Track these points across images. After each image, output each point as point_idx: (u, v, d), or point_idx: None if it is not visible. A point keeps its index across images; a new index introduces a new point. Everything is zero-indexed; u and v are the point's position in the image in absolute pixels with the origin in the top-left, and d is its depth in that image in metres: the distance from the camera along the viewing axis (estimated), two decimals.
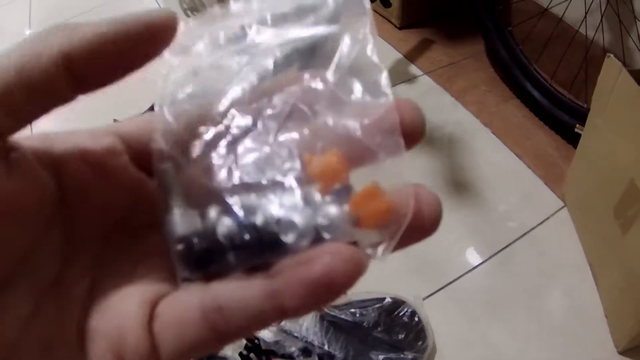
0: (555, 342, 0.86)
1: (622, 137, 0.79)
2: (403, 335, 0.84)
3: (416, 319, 0.86)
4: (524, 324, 0.88)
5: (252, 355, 0.77)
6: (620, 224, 0.80)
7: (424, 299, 0.92)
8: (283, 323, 0.85)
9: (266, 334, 0.81)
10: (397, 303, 0.87)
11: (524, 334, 0.87)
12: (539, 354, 0.85)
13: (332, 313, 0.85)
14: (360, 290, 0.89)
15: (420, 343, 0.84)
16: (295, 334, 0.83)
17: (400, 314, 0.86)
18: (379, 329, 0.84)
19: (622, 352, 0.84)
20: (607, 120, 0.83)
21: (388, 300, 0.87)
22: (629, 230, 0.77)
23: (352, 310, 0.86)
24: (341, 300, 0.88)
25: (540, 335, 0.87)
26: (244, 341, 0.77)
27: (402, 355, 0.83)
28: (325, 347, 0.81)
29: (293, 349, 0.80)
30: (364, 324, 0.84)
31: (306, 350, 0.81)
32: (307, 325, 0.84)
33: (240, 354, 0.77)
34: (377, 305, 0.86)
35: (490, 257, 0.96)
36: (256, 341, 0.78)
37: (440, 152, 1.10)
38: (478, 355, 0.86)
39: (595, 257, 0.92)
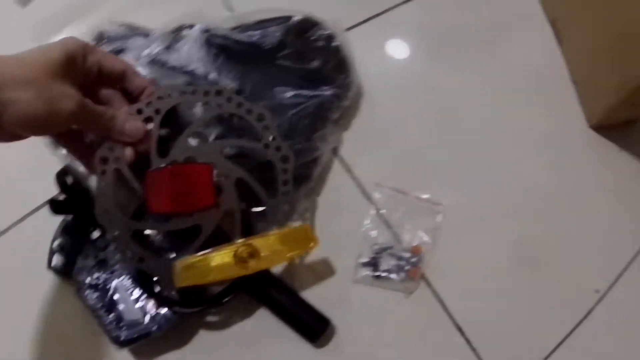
0: (510, 98, 0.71)
1: None
2: (319, 63, 0.64)
3: (335, 43, 0.65)
4: (476, 75, 0.72)
5: None
6: None
7: (347, 29, 0.71)
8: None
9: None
10: (309, 22, 0.65)
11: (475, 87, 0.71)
12: (493, 110, 0.70)
13: (222, 33, 0.63)
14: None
15: (343, 76, 0.65)
16: (173, 63, 0.61)
17: (313, 37, 0.65)
18: (285, 52, 0.63)
19: (594, 127, 0.71)
20: None
21: (296, 18, 0.65)
22: None
23: (249, 33, 0.64)
24: (229, 22, 0.65)
25: (495, 91, 0.71)
26: None
27: (317, 92, 0.63)
28: (212, 76, 0.60)
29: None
30: (265, 46, 0.63)
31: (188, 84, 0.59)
32: (187, 50, 0.62)
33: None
34: (280, 24, 0.64)
35: None
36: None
37: None
38: (417, 89, 0.70)
39: (560, 10, 0.73)
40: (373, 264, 0.55)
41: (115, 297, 0.54)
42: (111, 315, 0.54)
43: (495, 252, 0.61)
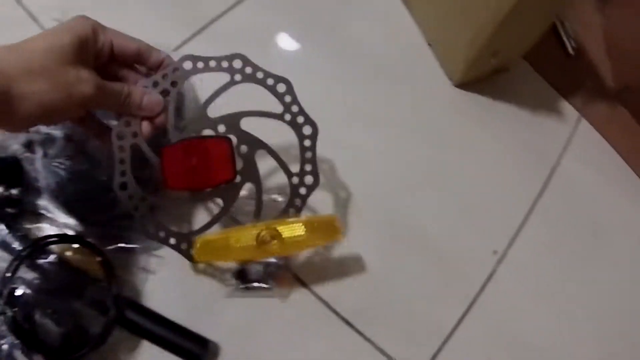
0: (370, 73, 0.68)
1: None
2: None
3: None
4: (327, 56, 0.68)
5: None
6: None
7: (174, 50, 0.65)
8: None
9: None
10: None
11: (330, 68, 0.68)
12: (353, 89, 0.67)
13: None
14: None
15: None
16: None
17: None
18: None
19: (459, 85, 0.69)
20: None
21: None
22: None
23: None
24: None
25: (353, 68, 0.68)
26: None
27: None
28: None
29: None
30: None
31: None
32: None
33: None
34: None
35: None
36: None
37: None
38: None
39: None
40: (241, 276, 0.51)
41: None
42: None
43: (376, 235, 0.58)
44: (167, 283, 0.52)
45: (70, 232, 0.50)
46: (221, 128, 0.48)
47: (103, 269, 0.49)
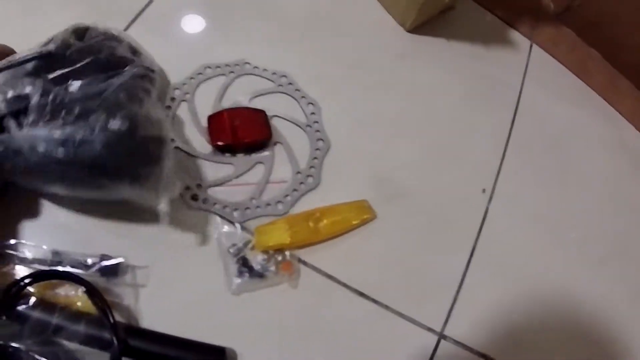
0: (325, 33, 0.65)
1: None
2: (107, 53, 0.53)
3: (115, 34, 0.54)
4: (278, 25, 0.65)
5: None
6: None
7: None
8: None
9: None
10: (80, 29, 0.54)
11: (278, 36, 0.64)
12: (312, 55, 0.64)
13: None
14: None
15: (137, 58, 0.54)
16: None
17: (92, 37, 0.54)
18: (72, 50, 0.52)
19: (412, 31, 0.68)
20: None
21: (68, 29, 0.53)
22: None
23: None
24: None
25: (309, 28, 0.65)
26: None
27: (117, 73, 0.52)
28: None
29: None
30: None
31: None
32: None
33: None
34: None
35: None
36: None
37: None
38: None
39: None
40: (245, 267, 0.48)
41: None
42: None
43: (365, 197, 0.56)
44: (161, 294, 0.47)
45: (44, 267, 0.44)
46: None
47: (91, 299, 0.44)
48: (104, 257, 0.46)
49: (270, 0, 0.66)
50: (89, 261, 0.45)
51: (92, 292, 0.43)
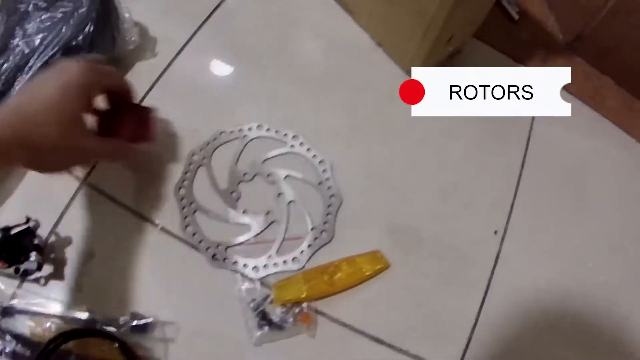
0: (331, 81, 0.68)
1: None
2: None
3: None
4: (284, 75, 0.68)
5: None
6: None
7: None
8: None
9: None
10: None
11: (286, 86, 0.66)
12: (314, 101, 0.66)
13: None
14: None
15: None
16: None
17: None
18: None
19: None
20: None
21: None
22: None
23: None
24: None
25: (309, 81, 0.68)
26: None
27: None
28: None
29: None
30: None
31: None
32: None
33: None
34: None
35: None
36: None
37: None
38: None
39: None
40: (264, 320, 0.51)
41: None
42: None
43: (377, 244, 0.58)
44: (190, 347, 0.51)
45: (76, 325, 0.49)
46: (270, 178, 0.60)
47: (123, 354, 0.48)
48: (135, 315, 0.49)
49: (285, 62, 0.69)
50: (121, 320, 0.49)
51: (125, 348, 0.48)
